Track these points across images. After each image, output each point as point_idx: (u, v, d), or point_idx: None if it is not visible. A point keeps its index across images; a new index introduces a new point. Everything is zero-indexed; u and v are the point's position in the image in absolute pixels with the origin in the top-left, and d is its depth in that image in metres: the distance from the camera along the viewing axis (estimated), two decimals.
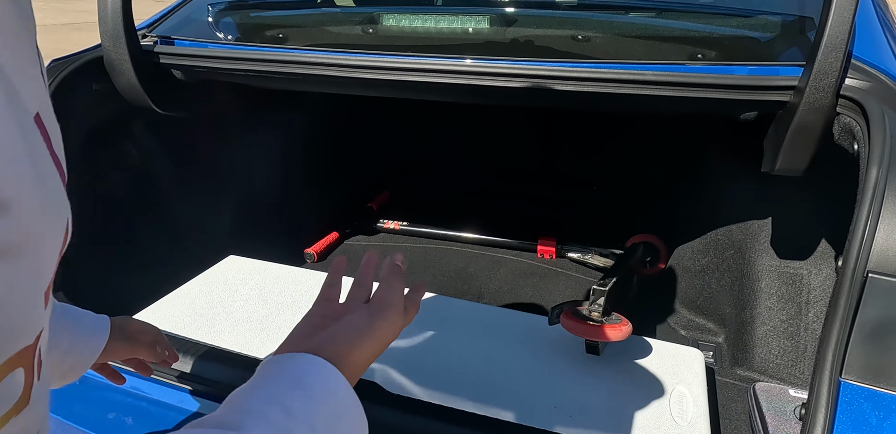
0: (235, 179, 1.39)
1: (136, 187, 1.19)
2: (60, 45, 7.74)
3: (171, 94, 1.08)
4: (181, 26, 1.14)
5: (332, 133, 1.68)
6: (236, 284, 1.11)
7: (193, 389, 0.77)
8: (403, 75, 0.89)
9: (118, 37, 0.96)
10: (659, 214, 1.41)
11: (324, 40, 1.17)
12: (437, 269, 1.41)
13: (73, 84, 0.99)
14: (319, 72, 0.94)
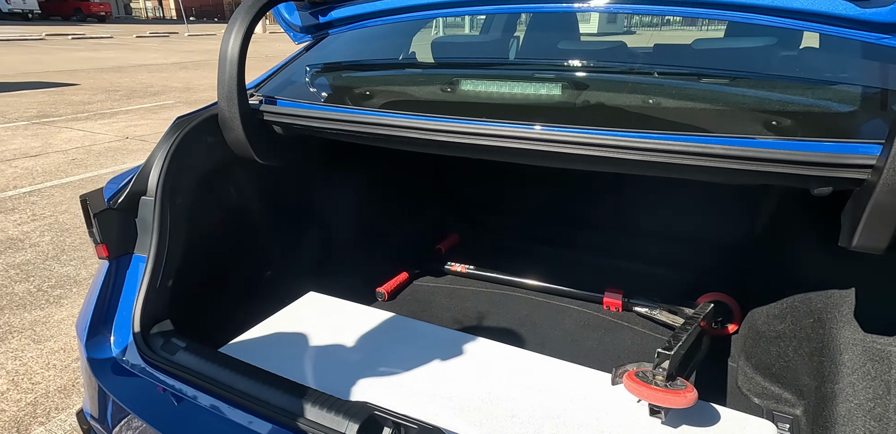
0: (317, 221, 1.50)
1: (232, 226, 1.32)
2: (169, 83, 8.66)
3: (270, 147, 1.21)
4: (283, 87, 1.28)
5: (405, 180, 1.77)
6: (315, 321, 1.19)
7: (267, 416, 0.84)
8: (478, 139, 0.95)
9: (232, 98, 1.10)
10: (733, 274, 1.37)
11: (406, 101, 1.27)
12: (501, 316, 1.43)
13: (193, 138, 1.14)
14: (400, 133, 1.03)
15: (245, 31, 1.07)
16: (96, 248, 1.07)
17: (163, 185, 1.06)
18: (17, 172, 3.91)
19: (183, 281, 1.10)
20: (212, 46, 17.10)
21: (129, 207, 1.07)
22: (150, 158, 1.10)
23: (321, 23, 1.24)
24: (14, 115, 5.89)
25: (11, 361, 1.84)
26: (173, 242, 1.08)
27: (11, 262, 2.56)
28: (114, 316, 1.04)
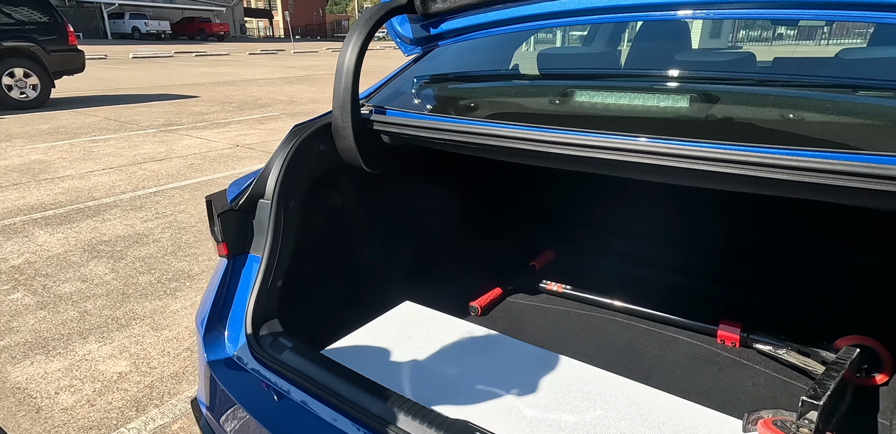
0: (413, 231, 1.52)
1: (334, 231, 1.37)
2: (275, 96, 9.35)
3: (378, 156, 1.25)
4: (392, 97, 1.31)
5: (501, 193, 1.75)
6: (410, 331, 1.20)
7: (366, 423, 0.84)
8: (593, 153, 0.91)
9: (345, 108, 1.14)
10: (878, 312, 1.20)
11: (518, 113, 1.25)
12: (602, 341, 1.35)
13: (307, 145, 1.19)
14: (509, 144, 1.01)
15: (362, 44, 1.11)
16: (217, 246, 1.15)
17: (279, 190, 1.11)
18: (145, 174, 4.37)
19: (290, 282, 1.14)
20: (313, 62, 18.27)
21: (248, 209, 1.14)
22: (269, 163, 1.16)
23: (432, 35, 1.26)
24: (146, 123, 6.62)
25: (133, 346, 2.02)
26: (285, 244, 1.13)
27: (137, 255, 2.84)
28: (229, 311, 1.10)
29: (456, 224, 1.61)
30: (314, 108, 8.05)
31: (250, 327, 1.03)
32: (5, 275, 2.57)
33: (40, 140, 5.56)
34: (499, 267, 1.65)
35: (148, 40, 31.44)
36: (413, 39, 1.29)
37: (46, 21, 7.55)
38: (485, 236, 1.69)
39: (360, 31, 1.10)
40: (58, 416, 1.64)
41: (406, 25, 1.28)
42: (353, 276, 1.37)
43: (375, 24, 1.11)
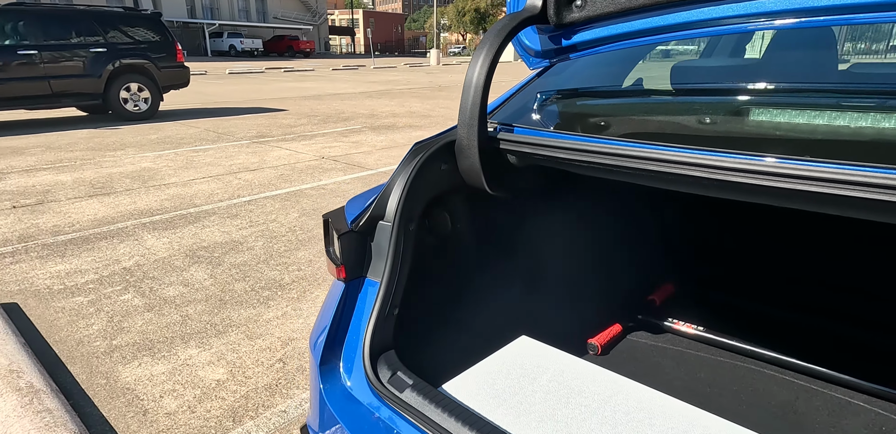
0: (526, 257, 1.44)
1: (444, 256, 1.30)
2: (356, 110, 9.68)
3: (501, 176, 1.17)
4: (519, 114, 1.24)
5: (621, 218, 1.63)
6: (529, 369, 1.10)
7: None
8: (777, 181, 0.78)
9: (472, 125, 1.08)
10: None
11: (655, 132, 1.15)
12: (751, 398, 1.17)
13: (429, 164, 1.14)
14: (650, 167, 0.91)
15: (493, 58, 1.04)
16: (334, 268, 1.12)
17: (401, 212, 1.07)
18: (240, 183, 4.60)
19: (405, 310, 1.09)
20: (392, 77, 18.84)
21: (367, 231, 1.10)
22: (390, 183, 1.12)
23: (563, 46, 1.17)
24: (240, 135, 7.04)
25: (230, 353, 2.07)
26: (402, 269, 1.08)
27: (233, 262, 2.95)
28: (344, 338, 1.06)
29: (568, 250, 1.51)
30: (394, 122, 8.23)
31: (368, 359, 0.98)
32: (118, 276, 2.75)
33: (149, 149, 6.04)
34: (614, 299, 1.52)
35: (242, 57, 33.89)
36: (540, 52, 1.22)
37: (158, 40, 8.29)
38: (598, 265, 1.57)
39: (491, 44, 1.04)
40: (162, 420, 1.68)
41: (534, 36, 1.21)
42: (462, 304, 1.30)
43: (507, 37, 1.05)
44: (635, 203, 1.66)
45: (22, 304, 2.44)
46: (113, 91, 7.77)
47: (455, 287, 1.30)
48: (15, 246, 3.14)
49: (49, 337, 2.16)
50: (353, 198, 1.27)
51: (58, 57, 7.24)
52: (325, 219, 1.17)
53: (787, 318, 1.40)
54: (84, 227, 3.47)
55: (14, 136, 6.72)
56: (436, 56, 30.44)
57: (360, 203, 1.19)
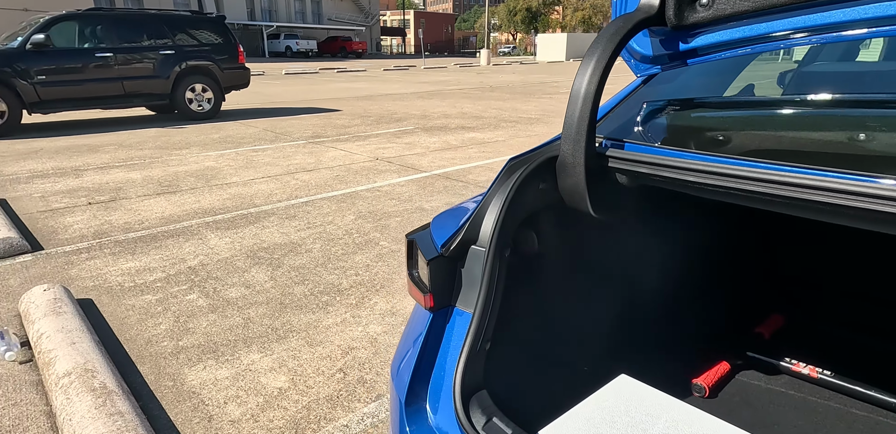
0: (620, 285, 1.32)
1: (529, 281, 1.21)
2: (408, 110, 9.70)
3: (606, 198, 1.07)
4: (626, 127, 1.13)
5: (724, 241, 1.47)
6: (632, 415, 0.99)
7: None
8: None
9: (579, 140, 0.98)
10: None
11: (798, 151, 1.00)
12: None
13: (528, 183, 1.04)
14: (808, 197, 0.78)
15: (604, 66, 0.94)
16: (423, 297, 1.03)
17: (497, 236, 0.98)
18: (298, 184, 4.66)
19: (496, 345, 1.00)
20: (442, 78, 18.85)
21: (457, 256, 1.02)
22: (484, 203, 1.04)
23: (680, 51, 1.05)
24: (297, 135, 7.18)
25: (291, 360, 2.05)
26: (496, 300, 0.99)
27: (292, 264, 2.97)
28: (430, 374, 0.98)
29: (666, 276, 1.37)
30: (446, 123, 8.18)
31: (459, 401, 0.89)
32: (184, 275, 2.81)
33: (212, 148, 6.24)
34: (718, 332, 1.37)
35: (298, 58, 34.85)
36: (651, 57, 1.10)
37: (221, 42, 8.58)
38: (699, 293, 1.42)
39: (603, 49, 0.94)
40: (226, 428, 1.67)
41: (644, 40, 1.09)
42: (551, 335, 1.20)
43: (621, 42, 0.94)
44: (741, 225, 1.51)
45: (96, 301, 2.52)
46: (179, 91, 8.10)
47: (542, 316, 1.20)
48: (90, 242, 3.28)
49: (120, 335, 2.22)
50: (439, 215, 1.19)
51: (130, 59, 7.62)
52: (409, 239, 1.10)
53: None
54: (152, 225, 3.58)
55: (90, 135, 7.11)
56: (486, 56, 30.27)
57: (447, 222, 1.11)
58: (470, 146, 6.41)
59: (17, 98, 6.79)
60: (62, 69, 7.06)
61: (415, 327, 1.06)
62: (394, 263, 2.97)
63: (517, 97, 12.30)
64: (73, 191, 4.41)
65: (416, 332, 1.04)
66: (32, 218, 3.73)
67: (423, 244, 1.05)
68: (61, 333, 2.00)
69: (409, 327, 1.10)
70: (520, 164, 1.06)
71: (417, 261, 1.07)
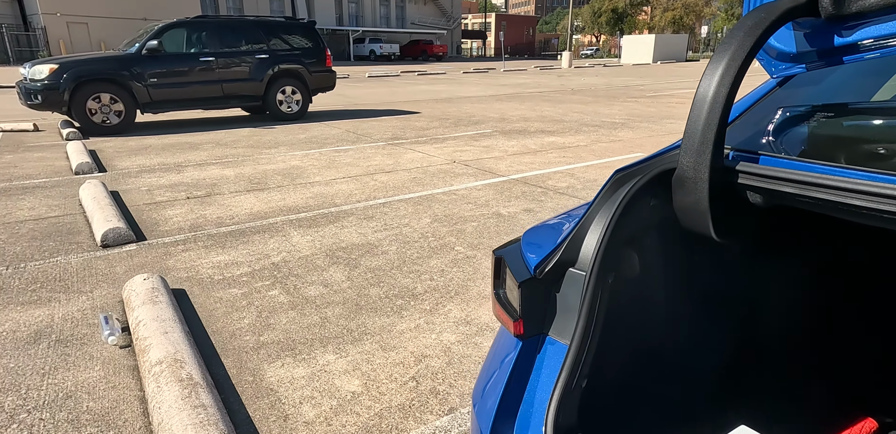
0: (739, 321, 1.16)
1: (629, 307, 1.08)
2: (486, 113, 9.63)
3: (731, 219, 0.93)
4: (757, 136, 0.98)
5: (862, 271, 1.25)
6: None
7: None
8: None
9: (703, 152, 0.85)
10: None
11: None
12: None
13: (637, 200, 0.93)
14: None
15: (740, 64, 0.80)
16: (512, 322, 0.94)
17: (600, 259, 0.87)
18: (376, 185, 4.73)
19: (593, 382, 0.89)
20: (522, 81, 18.63)
21: (553, 279, 0.92)
22: (585, 220, 0.93)
23: (834, 46, 0.89)
24: (377, 136, 7.33)
25: (365, 364, 2.04)
26: (595, 331, 0.88)
27: (369, 265, 2.99)
28: (517, 408, 0.89)
29: (791, 309, 1.20)
30: (525, 127, 8.03)
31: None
32: (267, 271, 2.91)
33: (298, 148, 6.52)
34: (858, 379, 1.18)
35: (381, 61, 35.95)
36: (794, 54, 0.94)
37: (311, 46, 8.96)
38: (832, 330, 1.23)
39: (740, 44, 0.80)
40: (300, 429, 1.68)
41: (786, 34, 0.94)
42: (654, 373, 1.07)
43: (763, 36, 0.80)
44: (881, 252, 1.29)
45: (188, 291, 2.66)
46: (271, 93, 8.56)
47: (645, 351, 1.08)
48: (186, 234, 3.50)
49: (208, 327, 2.32)
50: (531, 229, 1.11)
51: (229, 63, 8.15)
52: (497, 256, 1.01)
53: None
54: (241, 221, 3.77)
55: (191, 133, 7.68)
56: (567, 58, 29.59)
57: (540, 238, 1.02)
58: (549, 150, 6.23)
59: (132, 99, 7.47)
60: (171, 72, 7.68)
61: (501, 352, 0.97)
62: (469, 270, 2.90)
63: (600, 101, 11.86)
64: (175, 185, 4.75)
65: (501, 359, 0.96)
66: (138, 210, 4.04)
67: (513, 263, 0.97)
68: (156, 322, 2.11)
69: (494, 351, 1.02)
70: (628, 177, 0.94)
71: (505, 280, 0.99)
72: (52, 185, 4.74)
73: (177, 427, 1.52)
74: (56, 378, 1.94)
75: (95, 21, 27.35)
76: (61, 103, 7.06)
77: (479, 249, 3.20)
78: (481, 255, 3.12)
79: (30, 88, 7.06)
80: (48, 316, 2.40)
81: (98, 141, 6.97)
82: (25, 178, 5.01)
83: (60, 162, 5.70)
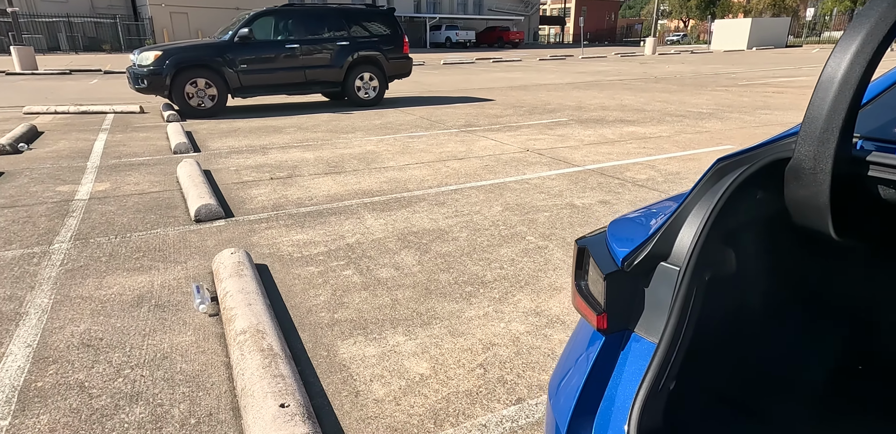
0: (850, 331, 1.05)
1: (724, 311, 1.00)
2: (563, 101, 9.35)
3: (855, 216, 0.83)
4: (894, 125, 0.87)
5: None
6: None
7: None
8: None
9: (827, 141, 0.76)
10: None
11: None
12: None
13: (742, 191, 0.85)
14: None
15: (881, 39, 0.70)
16: (595, 316, 0.90)
17: (697, 253, 0.81)
18: (448, 171, 4.74)
19: (683, 387, 0.84)
20: (601, 68, 17.91)
21: (642, 273, 0.87)
22: (682, 211, 0.86)
23: None
24: (450, 123, 7.34)
25: (433, 348, 2.06)
26: (687, 330, 0.82)
27: (439, 250, 3.01)
28: (597, 406, 0.86)
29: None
30: (603, 116, 7.72)
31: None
32: (342, 251, 3.01)
33: (373, 133, 6.66)
34: None
35: (456, 48, 35.86)
36: None
37: (389, 33, 9.07)
38: None
39: (881, 17, 0.70)
40: (370, 406, 1.73)
41: None
42: (749, 380, 1.00)
43: None
44: None
45: (270, 267, 2.81)
46: (350, 80, 8.78)
47: (740, 357, 1.00)
48: (269, 213, 3.69)
49: (287, 301, 2.44)
50: (618, 219, 1.05)
51: (312, 50, 8.43)
52: (580, 246, 0.97)
53: None
54: (319, 202, 3.91)
55: (276, 117, 8.06)
56: (651, 45, 28.05)
57: (628, 229, 0.96)
58: (629, 141, 5.95)
59: (224, 84, 7.94)
60: (259, 59, 8.07)
61: (580, 347, 0.94)
62: (540, 260, 2.85)
63: (686, 89, 11.17)
64: (260, 166, 5.02)
65: (582, 353, 0.92)
66: (227, 188, 4.31)
67: (598, 254, 0.92)
68: (241, 294, 2.25)
69: (573, 344, 0.99)
70: (733, 166, 0.86)
71: (588, 271, 0.94)
72: (153, 163, 5.15)
73: (258, 394, 1.61)
74: (154, 339, 2.12)
75: (194, 11, 29.36)
76: (163, 87, 7.63)
77: (550, 240, 3.13)
78: (553, 245, 3.05)
79: (137, 73, 7.69)
80: (149, 282, 2.62)
81: (193, 123, 7.49)
82: (132, 155, 5.48)
83: (161, 142, 6.18)
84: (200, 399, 1.76)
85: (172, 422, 1.65)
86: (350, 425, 1.64)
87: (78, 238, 3.22)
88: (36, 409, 1.72)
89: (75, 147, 5.88)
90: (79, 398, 1.77)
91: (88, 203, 3.90)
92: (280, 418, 1.49)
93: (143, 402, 1.75)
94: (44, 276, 2.70)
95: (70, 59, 22.07)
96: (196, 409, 1.71)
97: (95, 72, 16.37)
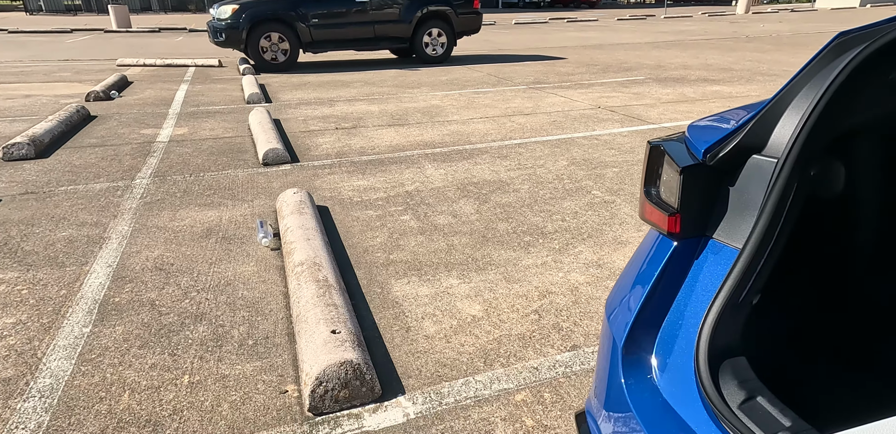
0: None
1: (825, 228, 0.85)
2: (641, 60, 8.73)
3: None
4: None
5: None
6: None
7: None
8: None
9: None
10: None
11: None
12: None
13: (868, 67, 0.67)
14: None
15: None
16: (665, 217, 0.77)
17: (801, 144, 0.65)
18: (513, 126, 4.57)
19: (769, 304, 0.72)
20: (685, 28, 16.53)
21: (728, 168, 0.73)
22: (784, 96, 0.70)
23: None
24: (518, 80, 7.05)
25: (487, 292, 2.01)
26: (780, 237, 0.68)
27: (498, 201, 2.91)
28: (661, 320, 0.76)
29: None
30: (684, 75, 7.14)
31: (705, 364, 0.65)
32: (401, 198, 2.99)
33: (439, 89, 6.52)
34: None
35: (529, 8, 34.28)
36: None
37: None
38: None
39: None
40: (421, 342, 1.72)
41: None
42: (844, 310, 0.86)
43: None
44: None
45: (330, 209, 2.84)
46: (418, 36, 8.59)
47: (836, 281, 0.86)
48: (332, 160, 3.72)
49: (345, 241, 2.46)
50: (695, 122, 0.91)
51: (382, 5, 8.27)
52: (652, 145, 0.82)
53: None
54: (381, 151, 3.90)
55: (344, 73, 8.07)
56: (745, 3, 25.44)
57: (712, 128, 0.82)
58: (712, 100, 5.47)
59: (296, 38, 8.00)
60: (331, 14, 8.04)
61: (645, 257, 0.82)
62: (605, 214, 2.69)
63: (782, 49, 10.10)
64: (326, 117, 5.06)
65: (645, 263, 0.81)
66: (294, 136, 4.38)
67: (675, 151, 0.78)
68: (301, 230, 2.28)
69: (636, 257, 0.87)
70: (859, 40, 0.67)
71: (661, 175, 0.81)
72: (228, 111, 5.32)
73: (311, 320, 1.64)
74: (220, 268, 2.21)
75: None
76: (240, 41, 7.80)
77: (618, 195, 2.95)
78: (620, 200, 2.87)
79: (216, 27, 7.90)
80: (217, 217, 2.73)
81: (267, 76, 7.65)
82: (209, 104, 5.69)
83: (236, 93, 6.37)
84: (259, 323, 1.82)
85: (231, 341, 1.72)
86: (399, 357, 1.64)
87: (157, 175, 3.39)
88: (113, 321, 1.84)
89: (159, 96, 6.18)
90: (150, 314, 1.88)
91: (168, 145, 4.10)
92: (331, 343, 1.50)
93: (206, 322, 1.82)
94: (125, 206, 2.87)
95: (160, 19, 23.13)
96: (254, 331, 1.77)
97: (181, 30, 17.06)
